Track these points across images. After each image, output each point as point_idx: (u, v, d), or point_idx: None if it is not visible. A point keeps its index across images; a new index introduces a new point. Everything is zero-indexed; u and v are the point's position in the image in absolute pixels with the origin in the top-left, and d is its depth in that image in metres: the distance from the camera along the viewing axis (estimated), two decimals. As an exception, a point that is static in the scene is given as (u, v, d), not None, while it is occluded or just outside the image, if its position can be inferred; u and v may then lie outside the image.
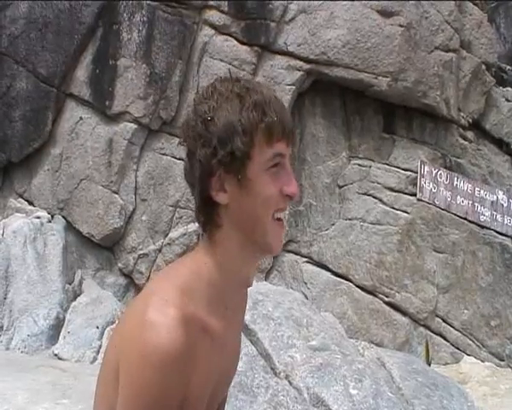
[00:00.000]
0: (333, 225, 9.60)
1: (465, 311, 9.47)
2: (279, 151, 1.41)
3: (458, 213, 9.73)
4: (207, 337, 1.41)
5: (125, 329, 1.40)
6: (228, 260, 1.45)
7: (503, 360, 9.32)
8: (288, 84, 9.39)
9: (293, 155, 9.54)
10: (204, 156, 1.41)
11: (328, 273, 9.43)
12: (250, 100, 1.40)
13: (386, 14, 9.44)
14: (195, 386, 1.38)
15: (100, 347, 7.25)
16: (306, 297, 8.39)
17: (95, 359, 7.13)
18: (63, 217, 9.03)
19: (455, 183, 9.78)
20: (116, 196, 9.09)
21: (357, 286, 9.34)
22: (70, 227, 9.01)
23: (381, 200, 9.52)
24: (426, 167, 9.63)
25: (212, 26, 9.45)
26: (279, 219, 1.45)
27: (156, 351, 1.27)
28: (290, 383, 4.68)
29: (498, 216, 9.93)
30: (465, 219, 9.74)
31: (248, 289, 1.78)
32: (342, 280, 9.37)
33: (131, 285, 9.11)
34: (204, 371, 1.41)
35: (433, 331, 9.36)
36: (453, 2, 10.02)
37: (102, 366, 1.49)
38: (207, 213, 1.46)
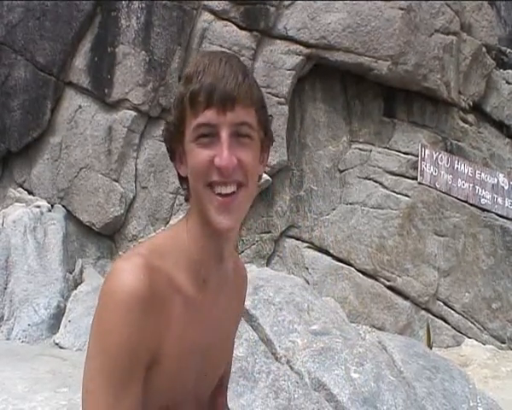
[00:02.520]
0: (334, 209, 9.60)
1: (466, 294, 9.48)
2: (204, 121, 1.35)
3: (459, 197, 9.72)
4: (180, 298, 1.41)
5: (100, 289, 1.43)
6: (194, 230, 1.45)
7: (504, 343, 9.34)
8: (288, 69, 9.35)
9: (293, 139, 9.55)
10: (162, 133, 1.49)
11: (330, 258, 9.44)
12: (184, 74, 1.41)
13: (385, -4, 9.40)
14: (170, 350, 1.38)
15: (101, 335, 7.23)
16: (308, 282, 8.40)
17: (95, 347, 7.11)
18: (63, 206, 9.03)
19: (455, 166, 9.77)
20: (116, 184, 9.08)
21: (359, 270, 9.35)
22: (70, 216, 9.01)
23: (381, 184, 9.52)
24: (426, 151, 9.61)
25: (212, 11, 9.41)
26: (220, 194, 1.38)
27: (120, 291, 1.29)
28: (291, 368, 4.68)
29: (499, 199, 9.92)
30: (466, 202, 9.74)
31: (248, 278, 1.79)
32: (343, 265, 9.38)
33: (133, 273, 9.09)
34: (180, 335, 1.40)
35: (434, 315, 9.38)
36: (453, -16, 9.97)
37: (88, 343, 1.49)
38: (183, 184, 1.49)
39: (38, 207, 8.53)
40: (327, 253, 9.46)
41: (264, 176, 8.44)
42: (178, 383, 1.45)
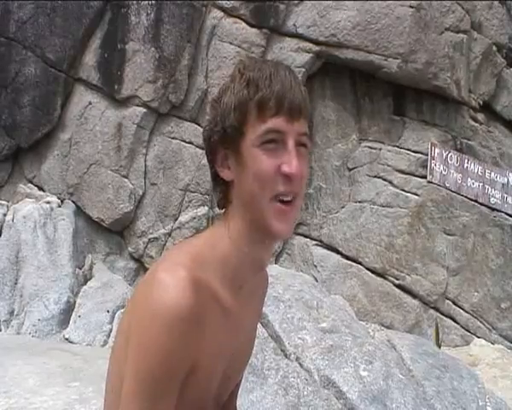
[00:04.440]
0: (343, 207, 9.58)
1: (475, 293, 9.46)
2: (273, 127, 1.38)
3: (469, 196, 9.69)
4: (218, 308, 1.42)
5: (136, 293, 1.43)
6: (237, 236, 1.45)
7: (513, 343, 9.32)
8: (298, 67, 9.33)
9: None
10: (207, 134, 1.48)
11: (338, 256, 9.42)
12: (246, 77, 1.41)
13: (396, -6, 9.37)
14: (205, 356, 1.39)
15: (110, 330, 7.28)
16: (316, 280, 8.40)
17: (105, 342, 7.17)
18: (73, 202, 9.06)
19: (465, 165, 9.74)
20: (126, 180, 9.10)
21: (368, 269, 9.33)
22: (80, 212, 9.04)
23: (391, 182, 9.49)
24: (436, 149, 9.59)
25: (221, 8, 9.40)
26: (282, 202, 1.40)
27: (164, 308, 1.29)
28: (301, 365, 4.68)
29: (509, 198, 9.89)
30: (476, 201, 9.71)
31: (269, 281, 1.79)
32: (352, 263, 9.37)
33: (141, 269, 9.12)
34: (215, 343, 1.42)
35: (443, 314, 9.35)
36: (464, -18, 9.93)
37: (115, 344, 1.50)
38: (220, 189, 1.49)
39: (48, 202, 8.57)
40: (336, 251, 9.45)
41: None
42: (207, 387, 1.47)
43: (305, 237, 9.54)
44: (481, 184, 9.74)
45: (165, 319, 1.28)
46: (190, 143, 9.11)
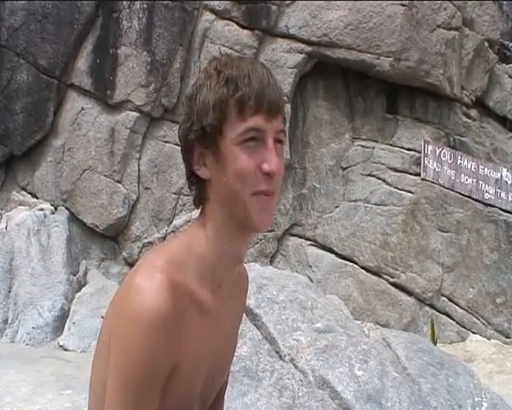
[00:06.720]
0: (337, 207, 9.58)
1: (470, 289, 9.46)
2: (253, 126, 1.38)
3: (462, 192, 9.69)
4: (197, 308, 1.42)
5: (115, 300, 1.43)
6: (216, 234, 1.46)
7: (508, 338, 9.30)
8: (290, 67, 9.35)
9: (295, 137, 9.54)
10: (182, 132, 1.48)
11: (333, 256, 9.42)
12: (224, 75, 1.40)
13: (387, -7, 9.38)
14: (186, 358, 1.39)
15: (105, 336, 7.25)
16: (311, 280, 8.39)
17: (100, 349, 7.12)
18: (66, 208, 9.04)
19: (459, 161, 9.74)
20: (119, 185, 9.10)
21: (362, 268, 9.32)
22: (74, 218, 9.02)
23: (384, 180, 9.50)
24: (429, 147, 9.59)
25: (213, 11, 9.41)
26: (262, 193, 1.41)
27: (143, 312, 1.29)
28: (295, 366, 4.66)
29: (503, 194, 9.89)
30: (469, 197, 9.71)
31: (250, 277, 1.79)
32: (347, 262, 9.36)
33: (137, 274, 9.09)
34: (195, 343, 1.42)
35: (438, 311, 9.36)
36: (455, -21, 9.94)
37: (96, 350, 1.50)
38: (196, 188, 1.49)
39: (42, 209, 8.55)
40: (330, 250, 9.45)
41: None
42: (190, 389, 1.47)
43: (300, 237, 9.54)
44: (475, 180, 9.75)
45: (144, 322, 1.29)
46: (183, 146, 9.10)
